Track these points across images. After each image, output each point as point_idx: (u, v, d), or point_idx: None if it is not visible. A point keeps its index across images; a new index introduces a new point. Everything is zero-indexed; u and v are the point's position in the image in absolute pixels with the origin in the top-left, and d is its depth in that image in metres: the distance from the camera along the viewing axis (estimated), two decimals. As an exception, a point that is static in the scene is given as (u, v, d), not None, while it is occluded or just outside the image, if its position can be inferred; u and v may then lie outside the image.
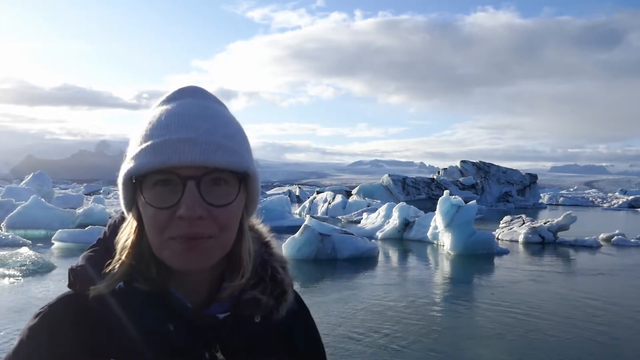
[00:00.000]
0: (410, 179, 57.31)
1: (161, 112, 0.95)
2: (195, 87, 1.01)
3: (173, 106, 0.95)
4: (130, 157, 0.93)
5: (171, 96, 0.98)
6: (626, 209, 60.23)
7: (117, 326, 0.93)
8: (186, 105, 0.95)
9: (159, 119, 0.93)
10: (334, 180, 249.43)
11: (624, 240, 24.34)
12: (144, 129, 0.94)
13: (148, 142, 0.91)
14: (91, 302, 0.94)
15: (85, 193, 59.19)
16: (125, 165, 0.93)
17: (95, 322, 0.94)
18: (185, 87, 1.00)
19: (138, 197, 0.93)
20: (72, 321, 0.94)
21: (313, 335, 1.22)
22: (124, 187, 0.94)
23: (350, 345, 9.03)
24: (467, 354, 8.96)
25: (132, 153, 0.93)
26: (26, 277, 13.93)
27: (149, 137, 0.91)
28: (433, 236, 23.01)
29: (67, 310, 0.95)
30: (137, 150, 0.92)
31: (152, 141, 0.90)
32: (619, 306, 12.35)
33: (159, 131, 0.91)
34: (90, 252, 1.02)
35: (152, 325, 0.93)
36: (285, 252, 17.82)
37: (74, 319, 0.94)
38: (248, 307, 1.01)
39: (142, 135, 0.93)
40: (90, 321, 0.94)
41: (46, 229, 23.47)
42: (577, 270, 17.62)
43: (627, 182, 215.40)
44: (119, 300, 0.94)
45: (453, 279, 16.50)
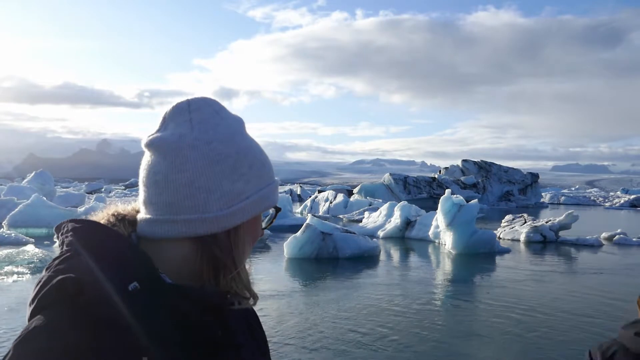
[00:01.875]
0: (412, 178, 57.32)
1: (258, 149, 1.10)
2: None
3: (254, 142, 1.12)
4: (265, 192, 1.09)
5: (242, 124, 1.12)
6: (628, 208, 60.18)
7: (138, 326, 0.91)
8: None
9: (263, 158, 1.10)
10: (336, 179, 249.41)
11: (625, 239, 24.32)
12: (265, 160, 1.10)
13: (274, 180, 1.12)
14: (101, 310, 0.90)
15: (86, 192, 59.28)
16: (268, 194, 1.09)
17: (112, 329, 0.90)
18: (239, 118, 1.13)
19: (249, 221, 1.07)
20: (88, 339, 0.88)
21: (260, 325, 1.32)
22: (255, 212, 1.08)
23: (352, 343, 9.03)
24: (469, 353, 8.95)
25: (268, 186, 1.10)
26: (34, 274, 14.16)
27: (270, 177, 1.11)
28: (434, 235, 23.01)
29: (79, 329, 0.89)
30: (271, 184, 1.11)
31: (275, 180, 1.13)
32: (619, 305, 12.33)
33: (270, 172, 1.11)
34: (77, 261, 0.95)
35: (175, 319, 0.96)
36: (287, 251, 17.90)
37: (89, 336, 0.89)
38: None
39: (269, 169, 1.11)
40: (105, 330, 0.90)
41: (47, 228, 23.53)
42: (579, 270, 17.60)
43: (629, 181, 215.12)
44: (145, 299, 0.94)
45: (454, 278, 16.49)
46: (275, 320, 10.29)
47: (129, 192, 70.20)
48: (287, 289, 13.54)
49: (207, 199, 1.01)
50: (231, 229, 1.04)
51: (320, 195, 44.51)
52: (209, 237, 1.02)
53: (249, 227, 1.08)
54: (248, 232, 1.08)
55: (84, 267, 0.94)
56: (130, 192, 70.07)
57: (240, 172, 1.04)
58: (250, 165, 1.06)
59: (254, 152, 1.08)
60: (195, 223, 1.01)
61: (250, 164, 1.06)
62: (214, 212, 1.01)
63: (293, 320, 10.43)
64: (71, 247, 0.98)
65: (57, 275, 0.93)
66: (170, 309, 0.96)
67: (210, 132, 1.03)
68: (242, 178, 1.04)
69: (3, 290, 12.58)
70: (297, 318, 10.60)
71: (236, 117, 1.11)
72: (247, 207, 1.05)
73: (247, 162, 1.05)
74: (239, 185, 1.04)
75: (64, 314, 0.90)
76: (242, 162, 1.05)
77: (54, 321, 0.89)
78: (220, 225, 1.02)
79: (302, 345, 8.91)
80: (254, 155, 1.07)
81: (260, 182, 1.07)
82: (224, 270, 1.04)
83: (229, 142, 1.04)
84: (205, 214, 1.01)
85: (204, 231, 1.01)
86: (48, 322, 0.89)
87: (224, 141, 1.03)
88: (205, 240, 1.02)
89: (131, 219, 1.07)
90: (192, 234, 1.01)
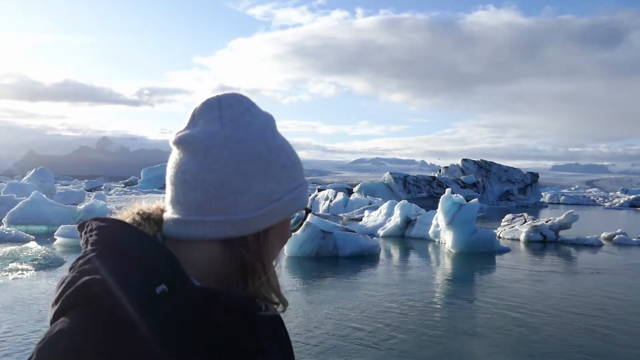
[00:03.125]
0: (412, 177, 57.28)
1: (290, 148, 1.07)
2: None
3: (285, 140, 1.08)
4: (301, 191, 1.06)
5: (274, 122, 1.08)
6: (627, 208, 60.15)
7: (163, 328, 0.89)
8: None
9: (294, 158, 1.07)
10: (335, 177, 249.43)
11: (625, 239, 24.30)
12: (296, 160, 1.07)
13: (304, 179, 1.09)
14: (123, 312, 0.87)
15: (86, 189, 59.26)
16: (299, 195, 1.06)
17: (132, 330, 0.87)
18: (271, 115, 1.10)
19: (279, 223, 1.04)
20: (114, 342, 0.86)
21: (286, 331, 1.33)
22: (286, 214, 1.04)
23: (353, 341, 9.03)
24: (469, 351, 8.95)
25: (300, 187, 1.06)
26: (39, 271, 14.28)
27: (301, 176, 1.08)
28: (434, 234, 23.00)
29: (107, 332, 0.86)
30: (302, 185, 1.07)
31: (305, 180, 1.09)
32: (619, 305, 12.33)
33: (300, 172, 1.08)
34: (103, 261, 0.92)
35: (204, 321, 0.94)
36: (287, 249, 17.88)
37: (114, 338, 0.86)
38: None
39: (299, 168, 1.07)
40: (129, 332, 0.87)
41: (47, 225, 23.55)
42: (579, 269, 17.59)
43: (629, 181, 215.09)
44: (170, 302, 0.91)
45: (454, 277, 16.49)
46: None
47: (129, 190, 70.13)
48: (287, 287, 13.50)
49: (237, 200, 0.98)
50: (261, 232, 1.01)
51: (320, 194, 44.51)
52: (237, 240, 1.00)
53: (279, 229, 1.05)
54: (277, 235, 1.05)
55: (110, 267, 0.91)
56: (130, 190, 70.02)
57: (272, 172, 1.01)
58: (283, 165, 1.02)
59: (286, 151, 1.05)
60: (225, 225, 0.98)
61: (282, 163, 1.02)
62: (244, 214, 0.98)
63: (293, 318, 10.42)
64: (96, 246, 0.95)
65: (83, 276, 0.90)
66: (198, 312, 0.93)
67: (241, 131, 0.99)
68: (274, 179, 1.01)
69: (9, 287, 12.58)
70: (298, 316, 10.59)
71: (267, 114, 1.07)
72: (278, 209, 1.02)
73: (279, 162, 1.02)
74: (270, 186, 1.00)
75: (90, 315, 0.87)
76: (274, 162, 1.01)
77: (79, 323, 0.87)
78: (250, 227, 0.99)
79: (303, 343, 8.90)
80: (286, 155, 1.04)
81: (292, 182, 1.04)
82: (253, 274, 1.02)
83: (260, 140, 1.00)
84: (235, 216, 0.98)
85: (233, 233, 0.99)
86: (73, 324, 0.87)
87: (255, 140, 1.00)
88: (233, 242, 1.00)
89: (157, 218, 1.04)
90: (220, 236, 0.99)
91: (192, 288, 0.94)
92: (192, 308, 0.92)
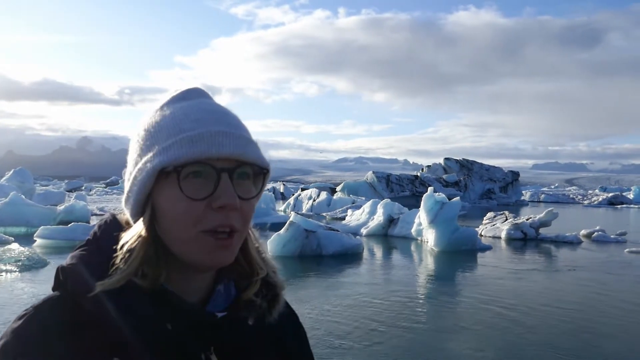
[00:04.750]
0: (395, 176, 57.53)
1: (184, 108, 0.94)
2: (201, 88, 1.01)
3: (194, 103, 0.95)
4: (157, 150, 0.91)
5: (183, 95, 0.98)
6: (606, 206, 61.13)
7: (112, 326, 0.88)
8: (209, 103, 0.96)
9: (186, 113, 0.93)
10: (319, 177, 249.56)
11: (603, 236, 24.72)
12: (167, 123, 0.93)
13: (182, 134, 0.90)
14: (85, 303, 0.89)
15: (66, 190, 58.47)
16: (151, 157, 0.91)
17: (88, 322, 0.89)
18: (193, 88, 0.99)
19: (160, 191, 0.91)
20: (63, 322, 0.89)
21: (304, 341, 1.21)
22: (147, 180, 0.91)
23: (334, 340, 9.06)
24: (449, 347, 9.04)
25: (159, 145, 0.91)
26: (23, 272, 14.16)
27: (181, 130, 0.90)
28: (417, 232, 23.15)
29: (56, 311, 0.91)
30: (167, 142, 0.90)
31: (187, 133, 0.89)
32: (596, 301, 12.56)
33: (191, 124, 0.91)
34: (82, 252, 0.96)
35: (150, 324, 0.90)
36: (271, 248, 17.85)
37: (65, 319, 0.89)
38: (243, 309, 1.00)
39: (167, 128, 0.92)
40: (82, 321, 0.89)
41: (27, 226, 23.19)
42: (558, 266, 17.84)
43: (607, 179, 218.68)
44: (117, 300, 0.89)
45: (436, 275, 16.63)
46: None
47: (110, 190, 69.38)
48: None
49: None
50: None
51: (304, 193, 44.50)
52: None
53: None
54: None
55: (85, 258, 0.94)
56: (111, 190, 69.26)
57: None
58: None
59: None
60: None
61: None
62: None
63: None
64: (91, 237, 0.99)
65: (62, 263, 0.96)
66: (150, 313, 0.91)
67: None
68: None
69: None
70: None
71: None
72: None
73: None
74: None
75: (54, 299, 0.93)
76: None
77: (41, 304, 0.93)
78: None
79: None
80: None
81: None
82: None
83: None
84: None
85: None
86: (37, 304, 0.93)
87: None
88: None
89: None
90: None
91: (136, 285, 0.91)
92: (142, 308, 0.90)
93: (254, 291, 1.02)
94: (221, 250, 0.91)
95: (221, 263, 0.93)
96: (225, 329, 0.97)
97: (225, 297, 1.01)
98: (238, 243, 0.95)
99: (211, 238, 0.90)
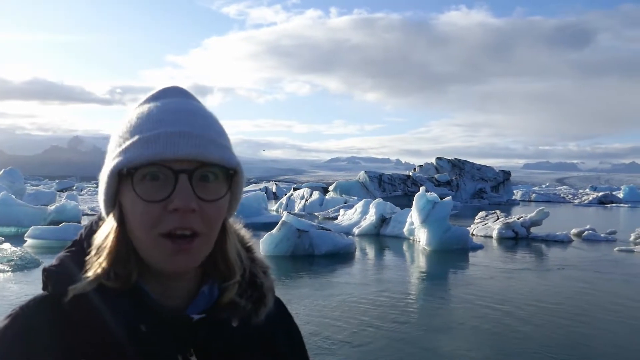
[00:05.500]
0: (387, 175, 57.64)
1: (150, 108, 0.93)
2: (180, 87, 1.00)
3: (163, 102, 0.94)
4: (118, 151, 0.90)
5: (157, 94, 0.97)
6: (596, 205, 61.53)
7: (89, 327, 0.90)
8: (177, 103, 0.95)
9: (149, 114, 0.92)
10: (311, 176, 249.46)
11: (594, 235, 24.90)
12: (132, 124, 0.92)
13: (139, 135, 0.89)
14: (64, 303, 0.91)
15: (57, 190, 58.08)
16: (112, 159, 0.91)
17: (68, 323, 0.90)
18: (170, 87, 0.99)
19: (123, 193, 0.91)
20: (45, 322, 0.90)
21: (297, 341, 1.18)
22: (108, 182, 0.91)
23: (327, 339, 9.07)
24: (441, 346, 9.08)
25: (120, 147, 0.90)
26: (16, 272, 14.14)
27: (140, 131, 0.90)
28: (409, 232, 23.21)
29: (40, 312, 0.92)
30: (126, 143, 0.90)
31: (144, 134, 0.89)
32: (586, 299, 12.65)
33: (151, 125, 0.90)
34: (66, 253, 0.98)
35: (123, 326, 0.90)
36: (263, 248, 17.84)
37: (47, 320, 0.91)
38: (224, 310, 0.99)
39: (130, 129, 0.91)
40: (63, 322, 0.90)
41: (17, 227, 23.04)
42: (549, 265, 17.96)
43: (597, 178, 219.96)
44: (92, 301, 0.90)
45: (428, 275, 16.70)
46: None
47: (101, 190, 68.92)
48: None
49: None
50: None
51: (296, 193, 44.50)
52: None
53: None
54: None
55: (67, 259, 0.96)
56: (102, 190, 68.82)
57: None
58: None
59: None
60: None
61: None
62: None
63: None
64: (77, 238, 1.01)
65: (46, 264, 0.97)
66: (123, 314, 0.91)
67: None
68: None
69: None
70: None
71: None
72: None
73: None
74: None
75: (40, 299, 0.94)
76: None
77: (27, 304, 0.93)
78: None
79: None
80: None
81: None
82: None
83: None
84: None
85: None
86: (24, 304, 0.94)
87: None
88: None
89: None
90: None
91: (110, 287, 0.92)
92: (104, 307, 0.90)
93: (234, 293, 0.99)
94: (181, 254, 0.89)
95: (182, 267, 0.91)
96: (203, 331, 0.96)
97: (208, 298, 0.99)
98: (202, 246, 0.92)
99: (169, 241, 0.88)
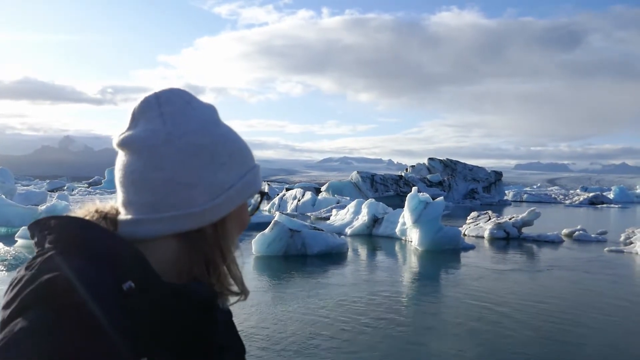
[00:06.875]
0: (379, 176, 57.72)
1: (237, 136, 1.07)
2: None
3: (228, 127, 1.08)
4: (247, 179, 1.05)
5: (216, 113, 1.07)
6: (587, 206, 61.95)
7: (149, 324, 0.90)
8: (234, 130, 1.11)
9: (242, 143, 1.07)
10: (304, 177, 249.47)
11: (585, 235, 25.07)
12: (240, 148, 1.06)
13: (253, 167, 1.08)
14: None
15: (48, 190, 57.71)
16: (247, 183, 1.05)
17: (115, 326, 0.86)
18: (212, 106, 1.09)
19: (235, 210, 1.05)
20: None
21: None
22: (241, 200, 1.05)
23: (318, 339, 9.08)
24: (433, 346, 9.12)
25: (243, 167, 1.05)
26: (10, 272, 14.04)
27: (250, 160, 1.08)
28: (401, 232, 23.27)
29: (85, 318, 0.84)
30: (247, 170, 1.06)
31: (253, 166, 1.08)
32: (576, 299, 12.75)
33: (250, 157, 1.08)
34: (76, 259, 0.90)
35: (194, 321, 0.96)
36: (255, 248, 17.84)
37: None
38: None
39: (241, 153, 1.06)
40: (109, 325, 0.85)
41: (7, 227, 22.92)
42: (540, 265, 18.06)
43: (588, 179, 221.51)
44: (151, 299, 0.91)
45: (420, 275, 16.75)
46: (241, 317, 10.25)
47: (93, 190, 68.65)
48: (255, 286, 13.48)
49: (189, 193, 0.97)
50: (218, 221, 1.01)
51: (288, 193, 44.47)
52: (194, 233, 0.99)
53: (236, 216, 1.05)
54: (235, 222, 1.05)
55: (73, 265, 0.88)
56: (94, 190, 68.55)
57: (220, 161, 1.00)
58: (230, 154, 1.02)
59: (231, 139, 1.04)
60: (179, 219, 0.97)
61: (229, 152, 1.02)
62: (198, 207, 0.98)
63: (259, 317, 10.42)
64: (57, 244, 0.92)
65: (42, 275, 0.85)
66: (167, 308, 0.92)
67: (182, 125, 0.98)
68: (223, 167, 1.00)
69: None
70: (264, 315, 10.59)
71: (208, 105, 1.06)
72: (232, 197, 1.02)
73: (226, 151, 1.01)
74: (220, 175, 1.00)
75: (53, 314, 0.82)
76: (220, 151, 1.00)
77: (41, 322, 0.81)
78: (207, 218, 0.99)
79: (270, 341, 8.91)
80: (232, 142, 1.04)
81: (242, 168, 1.04)
82: (213, 265, 1.02)
83: (203, 132, 0.99)
84: (189, 209, 0.97)
85: (189, 226, 0.98)
86: (35, 323, 0.81)
87: (198, 132, 0.99)
88: (191, 236, 0.99)
89: (112, 218, 1.01)
90: (178, 230, 0.98)
91: (160, 284, 0.93)
92: (159, 304, 0.91)
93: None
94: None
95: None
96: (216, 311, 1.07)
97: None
98: None
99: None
